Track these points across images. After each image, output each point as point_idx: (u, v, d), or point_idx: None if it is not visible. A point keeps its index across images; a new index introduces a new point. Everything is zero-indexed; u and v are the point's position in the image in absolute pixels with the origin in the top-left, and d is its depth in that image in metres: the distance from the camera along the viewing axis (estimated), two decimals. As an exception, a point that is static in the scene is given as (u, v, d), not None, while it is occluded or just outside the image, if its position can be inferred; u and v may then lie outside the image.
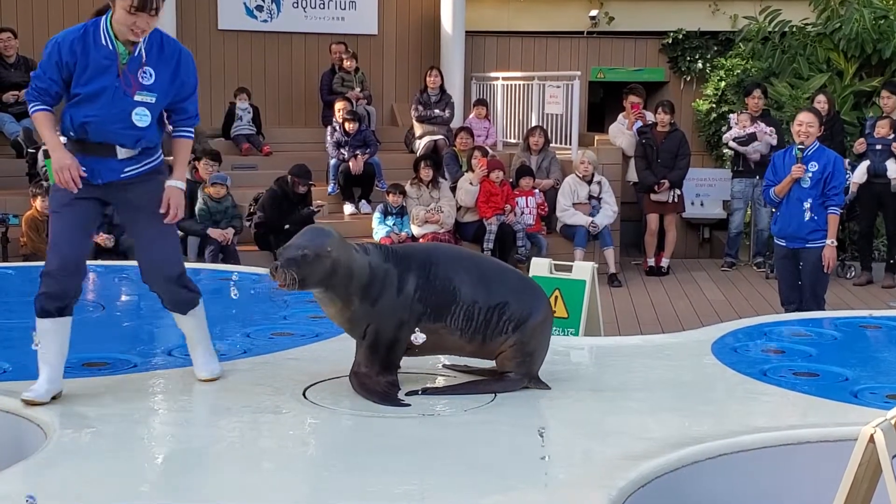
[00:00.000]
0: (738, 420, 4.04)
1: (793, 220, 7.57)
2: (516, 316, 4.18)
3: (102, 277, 7.17)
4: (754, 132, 11.78)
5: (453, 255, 4.34)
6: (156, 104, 4.26)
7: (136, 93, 4.21)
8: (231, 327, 5.43)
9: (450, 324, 4.16)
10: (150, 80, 4.23)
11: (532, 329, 4.21)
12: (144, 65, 4.23)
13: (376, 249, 4.25)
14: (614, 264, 11.41)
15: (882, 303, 10.20)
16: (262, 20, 13.65)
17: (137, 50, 4.22)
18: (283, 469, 3.43)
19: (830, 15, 13.82)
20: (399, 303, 4.12)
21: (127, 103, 4.21)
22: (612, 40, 15.25)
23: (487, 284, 4.19)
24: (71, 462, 3.40)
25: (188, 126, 4.40)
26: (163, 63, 4.26)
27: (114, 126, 4.23)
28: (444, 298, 4.14)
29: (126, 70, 4.21)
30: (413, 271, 4.16)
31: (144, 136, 4.27)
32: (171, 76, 4.26)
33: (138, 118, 4.22)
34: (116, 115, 4.22)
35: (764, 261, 11.83)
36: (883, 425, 2.88)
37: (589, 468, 3.47)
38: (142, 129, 4.23)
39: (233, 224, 10.18)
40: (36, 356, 4.16)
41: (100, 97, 4.23)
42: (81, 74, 4.25)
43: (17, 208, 9.82)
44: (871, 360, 5.01)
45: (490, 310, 4.16)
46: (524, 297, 4.23)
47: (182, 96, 4.33)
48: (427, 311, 4.14)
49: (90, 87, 4.23)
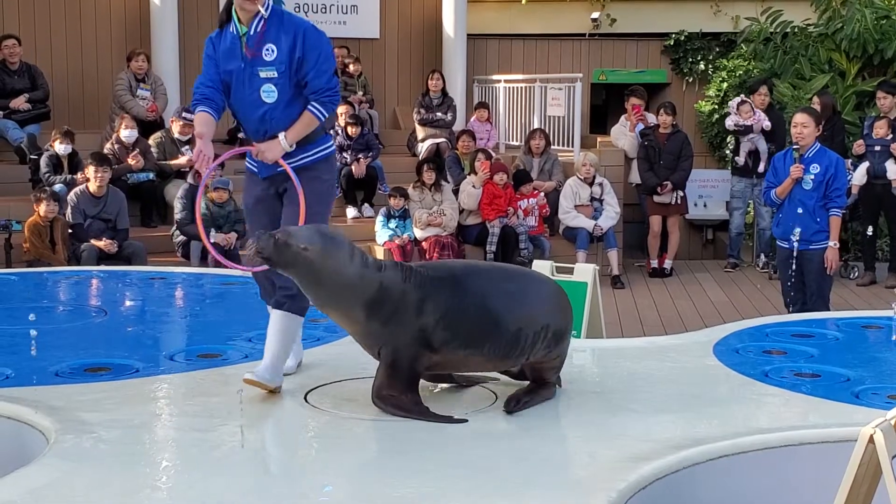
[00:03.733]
0: (740, 421, 4.04)
1: (796, 222, 7.57)
2: (559, 332, 4.15)
3: (105, 282, 7.19)
4: (752, 124, 11.83)
5: (488, 278, 4.06)
6: (280, 78, 4.35)
7: (259, 70, 4.35)
8: (233, 331, 5.43)
9: (488, 351, 3.98)
10: (272, 55, 4.35)
11: (565, 340, 4.24)
12: (265, 41, 4.35)
13: (395, 268, 4.00)
14: (617, 266, 11.41)
15: (885, 303, 10.18)
16: (264, 25, 13.65)
17: (253, 27, 4.36)
18: (285, 473, 3.44)
19: (832, 15, 13.81)
20: (416, 327, 3.91)
21: (255, 82, 4.36)
22: (614, 42, 15.26)
23: (528, 306, 4.05)
24: (72, 467, 3.40)
25: (315, 100, 4.40)
26: (282, 38, 4.36)
27: (249, 111, 4.41)
28: (481, 326, 3.95)
29: (248, 49, 4.36)
30: (438, 296, 3.92)
31: (274, 117, 4.37)
32: (289, 50, 4.34)
33: (266, 94, 4.36)
34: (248, 97, 4.39)
35: (767, 261, 11.83)
36: (883, 426, 2.88)
37: (590, 470, 3.48)
38: (270, 105, 4.35)
39: (235, 228, 10.19)
40: (36, 363, 4.17)
41: (232, 81, 4.43)
42: (220, 64, 4.46)
43: (20, 214, 9.84)
44: (872, 361, 5.01)
45: (536, 333, 4.05)
46: (558, 310, 4.18)
47: (305, 71, 4.37)
48: (456, 338, 3.94)
49: (225, 74, 4.45)
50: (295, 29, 4.37)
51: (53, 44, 12.65)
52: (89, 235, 9.68)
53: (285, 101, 4.37)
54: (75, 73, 12.74)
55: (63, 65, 12.65)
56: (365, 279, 3.91)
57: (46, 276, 7.38)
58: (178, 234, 10.26)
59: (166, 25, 12.57)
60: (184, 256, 10.15)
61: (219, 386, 4.40)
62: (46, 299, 6.68)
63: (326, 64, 4.41)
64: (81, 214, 9.77)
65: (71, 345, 5.13)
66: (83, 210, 9.79)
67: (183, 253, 10.20)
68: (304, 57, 4.35)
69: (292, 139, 4.38)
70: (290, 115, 4.39)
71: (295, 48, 4.34)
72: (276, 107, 4.37)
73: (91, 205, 9.82)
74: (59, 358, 4.78)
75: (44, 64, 12.14)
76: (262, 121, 4.41)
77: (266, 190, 4.53)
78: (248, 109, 4.42)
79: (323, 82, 4.39)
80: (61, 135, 10.53)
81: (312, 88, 4.39)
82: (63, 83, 12.53)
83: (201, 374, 4.58)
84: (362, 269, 3.92)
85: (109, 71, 12.45)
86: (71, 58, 12.74)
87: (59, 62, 12.61)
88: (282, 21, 4.38)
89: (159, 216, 11.18)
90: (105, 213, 9.85)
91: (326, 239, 3.91)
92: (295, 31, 4.36)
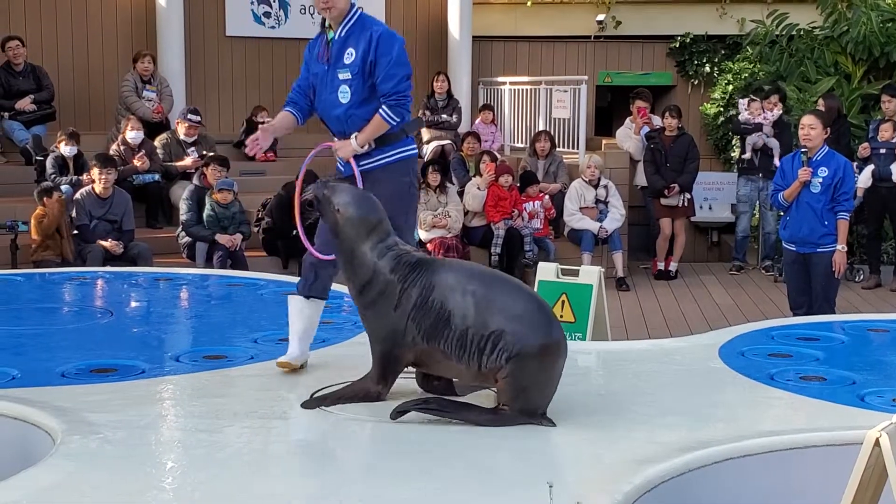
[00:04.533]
0: (745, 424, 4.03)
1: (803, 225, 7.57)
2: (510, 346, 3.81)
3: (111, 284, 7.20)
4: (761, 123, 11.85)
5: (460, 277, 3.95)
6: (353, 80, 4.59)
7: (339, 72, 4.62)
8: (239, 333, 5.44)
9: (444, 349, 3.90)
10: (350, 58, 4.61)
11: (524, 362, 3.82)
12: (347, 46, 4.62)
13: (390, 255, 4.03)
14: (622, 268, 11.40)
15: (891, 306, 10.17)
16: (270, 27, 13.67)
17: (338, 33, 4.64)
18: (290, 474, 3.44)
19: (838, 18, 13.80)
20: (394, 319, 3.95)
21: (335, 83, 4.64)
22: (620, 44, 15.27)
23: (485, 310, 3.85)
24: (78, 468, 3.41)
25: (384, 104, 4.59)
26: (360, 42, 4.60)
27: (329, 111, 4.69)
28: (437, 321, 3.90)
29: (332, 53, 4.64)
30: (415, 289, 3.95)
31: (349, 117, 4.62)
32: (363, 54, 4.58)
33: (342, 95, 4.63)
34: (328, 98, 4.68)
35: (772, 264, 11.82)
36: (889, 429, 2.87)
37: (595, 472, 3.47)
38: (345, 106, 4.61)
39: (241, 230, 10.20)
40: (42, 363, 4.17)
41: (318, 84, 4.73)
42: (310, 67, 4.78)
43: (26, 215, 9.84)
44: (878, 364, 5.01)
45: (484, 338, 3.84)
46: (521, 327, 3.83)
47: (376, 74, 4.59)
48: (420, 332, 3.92)
49: (313, 77, 4.76)
50: (371, 34, 4.61)
51: (59, 44, 12.67)
52: (95, 236, 9.69)
53: (358, 101, 4.62)
54: (81, 73, 12.76)
55: (68, 65, 12.67)
56: (365, 259, 4.05)
57: (52, 277, 7.40)
58: (183, 236, 10.27)
59: (172, 27, 12.58)
60: (189, 257, 10.16)
61: (224, 387, 4.41)
62: (52, 300, 6.70)
63: (396, 69, 4.59)
64: (87, 215, 9.79)
65: (77, 346, 5.14)
66: (89, 211, 9.80)
67: (188, 254, 10.21)
68: (375, 61, 4.58)
69: (363, 140, 4.61)
70: (364, 116, 4.62)
71: (369, 52, 4.58)
72: (350, 107, 4.63)
73: (97, 206, 9.83)
74: (66, 359, 4.79)
75: (49, 65, 12.16)
76: (339, 121, 4.69)
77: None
78: (328, 109, 4.72)
79: (391, 86, 4.58)
80: (66, 136, 10.55)
81: (382, 92, 4.60)
82: (68, 84, 12.55)
83: (207, 376, 4.59)
84: (370, 249, 4.05)
85: (115, 72, 12.46)
86: (76, 59, 12.76)
87: (64, 63, 12.63)
88: (362, 26, 4.64)
89: (165, 217, 11.20)
90: (111, 215, 9.86)
91: (358, 208, 4.08)
92: (370, 36, 4.60)
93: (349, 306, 5.89)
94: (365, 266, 4.04)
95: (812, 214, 7.54)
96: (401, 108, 4.61)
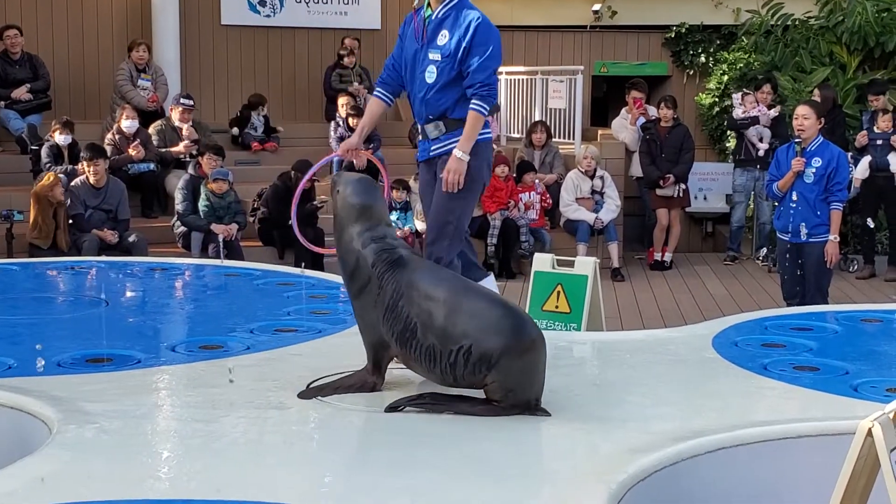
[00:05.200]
0: (739, 414, 4.05)
1: (796, 215, 7.59)
2: (485, 357, 3.74)
3: (106, 273, 7.19)
4: (757, 116, 11.87)
5: (427, 287, 3.86)
6: (442, 62, 4.69)
7: (430, 52, 4.72)
8: (235, 323, 5.44)
9: (415, 358, 3.87)
10: (443, 40, 4.71)
11: (505, 367, 3.76)
12: (442, 27, 4.72)
13: (373, 247, 3.97)
14: (618, 259, 11.42)
15: (885, 296, 10.20)
16: (265, 15, 13.67)
17: (437, 13, 4.73)
18: (287, 464, 3.45)
19: (833, 8, 13.81)
20: (375, 314, 3.94)
21: (424, 63, 4.75)
22: (615, 34, 15.26)
23: (447, 324, 3.77)
24: (74, 458, 3.42)
25: (475, 95, 4.71)
26: (456, 26, 4.69)
27: (415, 90, 4.81)
28: (405, 329, 3.85)
29: (427, 32, 4.73)
30: (388, 289, 3.89)
31: (428, 98, 4.74)
32: (458, 40, 4.67)
33: (428, 75, 4.74)
34: (417, 76, 4.79)
35: (767, 254, 11.85)
36: (881, 419, 2.88)
37: (589, 462, 3.49)
38: (428, 86, 4.72)
39: (236, 219, 10.21)
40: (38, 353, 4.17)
41: (410, 61, 4.83)
42: (404, 44, 4.89)
43: (21, 204, 9.85)
44: (871, 354, 5.02)
45: (453, 354, 3.76)
46: (489, 338, 3.74)
47: (468, 62, 4.68)
48: (394, 337, 3.89)
49: (406, 52, 4.86)
50: (469, 20, 4.71)
51: (55, 34, 12.65)
52: (90, 226, 9.69)
53: (440, 84, 4.74)
54: (76, 63, 12.75)
55: (64, 55, 12.66)
56: (352, 245, 4.01)
57: (48, 267, 7.39)
58: (178, 225, 10.28)
59: (167, 16, 12.57)
60: (184, 247, 10.17)
61: (220, 377, 4.41)
62: (48, 289, 6.70)
63: (490, 61, 4.71)
64: (82, 205, 9.79)
65: (73, 335, 5.14)
66: (84, 200, 9.80)
67: (184, 244, 10.22)
68: (470, 49, 4.68)
69: (465, 146, 4.74)
70: (441, 101, 4.76)
71: (464, 38, 4.67)
72: (432, 88, 4.75)
73: (91, 195, 9.83)
74: (61, 348, 4.80)
75: (45, 54, 12.15)
76: (421, 101, 4.81)
77: (426, 174, 5.05)
78: (415, 88, 4.84)
79: (483, 77, 4.70)
80: (61, 125, 10.54)
81: (473, 81, 4.70)
82: (64, 73, 12.54)
83: (202, 366, 4.59)
84: (357, 234, 4.00)
85: (110, 61, 12.45)
86: (72, 48, 12.74)
87: (60, 52, 12.62)
88: (461, 10, 4.74)
89: (160, 207, 11.21)
90: (105, 204, 9.86)
91: (353, 191, 4.05)
92: (469, 23, 4.70)
93: (344, 296, 5.90)
94: (351, 252, 4.01)
95: (805, 204, 7.55)
96: (492, 98, 4.76)
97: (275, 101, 13.51)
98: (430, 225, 4.97)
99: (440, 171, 4.85)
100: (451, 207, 4.84)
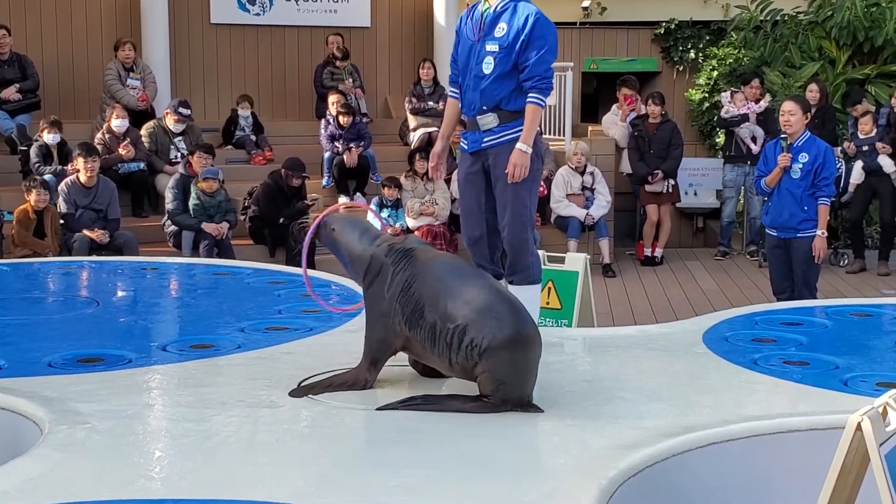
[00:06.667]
0: (729, 409, 4.06)
1: (784, 210, 7.62)
2: (478, 342, 3.83)
3: (97, 273, 7.19)
4: (746, 113, 11.90)
5: (440, 270, 4.03)
6: (500, 53, 4.79)
7: (487, 43, 4.82)
8: (225, 322, 5.44)
9: (420, 338, 3.98)
10: (501, 32, 4.82)
11: (497, 356, 3.82)
12: (499, 21, 4.83)
13: (385, 243, 4.21)
14: (608, 255, 11.44)
15: (874, 291, 10.24)
16: (255, 13, 13.64)
17: (495, 7, 4.84)
18: (279, 463, 3.46)
19: (822, 3, 13.84)
20: (386, 301, 4.07)
21: (482, 54, 4.83)
22: (605, 31, 15.27)
23: (450, 303, 3.89)
24: (66, 458, 3.42)
25: (534, 88, 4.82)
26: (514, 19, 4.81)
27: (471, 81, 4.87)
28: (414, 310, 3.98)
29: (484, 26, 4.85)
30: (402, 275, 4.05)
31: (484, 88, 4.82)
32: (516, 32, 4.78)
33: (486, 66, 4.83)
34: (474, 68, 4.87)
35: (757, 249, 11.88)
36: (870, 413, 2.89)
37: (581, 458, 3.50)
38: (485, 76, 4.81)
39: (227, 218, 10.20)
40: (32, 354, 4.17)
41: (466, 54, 4.92)
42: (461, 38, 4.99)
43: (10, 205, 9.83)
44: (861, 349, 5.04)
45: (450, 332, 3.86)
46: (485, 322, 3.83)
47: (527, 55, 4.79)
48: (404, 319, 4.01)
49: (462, 46, 4.96)
50: (527, 15, 4.82)
51: (44, 34, 12.61)
52: (81, 226, 9.68)
53: (496, 74, 4.82)
54: (66, 62, 12.71)
55: (53, 54, 12.62)
56: (364, 252, 4.21)
57: (38, 267, 7.38)
58: (169, 224, 10.27)
59: (156, 14, 12.54)
60: (175, 246, 10.16)
61: (211, 376, 4.41)
62: (38, 290, 6.69)
63: (549, 55, 4.84)
64: (72, 205, 9.77)
65: (64, 335, 5.14)
66: (74, 200, 9.78)
67: (174, 243, 10.20)
68: (528, 42, 4.79)
69: (528, 139, 4.81)
70: (497, 91, 4.84)
71: (523, 31, 4.78)
72: (488, 78, 4.83)
73: (82, 195, 9.82)
74: (52, 348, 4.79)
75: (34, 54, 12.11)
76: (477, 92, 4.88)
77: (473, 165, 5.02)
78: (471, 79, 4.91)
79: (542, 70, 4.82)
80: (49, 124, 10.52)
81: (530, 73, 4.81)
82: (53, 73, 12.50)
83: (194, 365, 4.59)
84: (366, 246, 4.23)
85: (100, 61, 12.42)
86: (61, 48, 12.71)
87: (49, 52, 12.58)
88: (518, 4, 4.86)
89: (150, 206, 11.19)
90: (96, 204, 9.84)
91: (347, 221, 4.38)
92: (527, 17, 4.81)
93: (336, 296, 5.91)
94: (363, 258, 4.21)
95: (792, 200, 7.58)
96: (549, 90, 4.87)
97: (265, 98, 13.49)
98: (510, 219, 4.97)
99: (492, 164, 4.94)
100: (522, 198, 4.95)
